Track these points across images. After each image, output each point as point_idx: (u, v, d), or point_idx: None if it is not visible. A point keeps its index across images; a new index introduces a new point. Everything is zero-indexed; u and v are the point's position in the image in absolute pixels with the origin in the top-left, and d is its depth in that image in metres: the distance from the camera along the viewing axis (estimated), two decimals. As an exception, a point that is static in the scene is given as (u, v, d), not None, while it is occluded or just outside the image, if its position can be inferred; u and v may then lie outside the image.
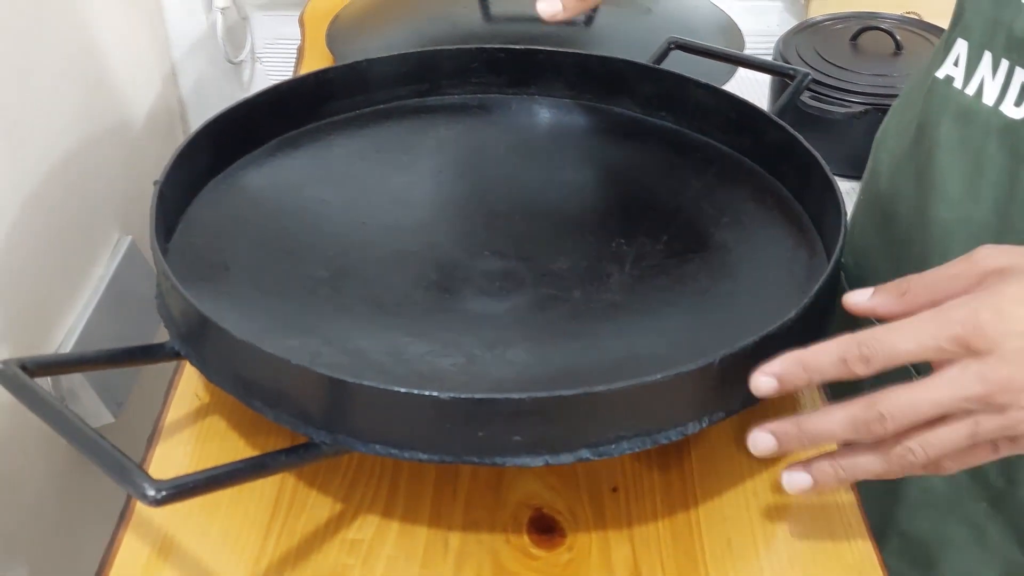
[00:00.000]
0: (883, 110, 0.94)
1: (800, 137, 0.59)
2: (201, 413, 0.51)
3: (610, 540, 0.45)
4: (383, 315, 0.53)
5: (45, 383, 0.73)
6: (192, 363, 0.46)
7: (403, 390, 0.39)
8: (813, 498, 0.47)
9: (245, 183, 0.61)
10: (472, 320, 0.54)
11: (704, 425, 0.43)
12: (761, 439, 0.41)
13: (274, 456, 0.40)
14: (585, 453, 0.41)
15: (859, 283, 0.62)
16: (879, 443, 0.39)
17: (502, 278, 0.57)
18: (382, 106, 0.69)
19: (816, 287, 0.46)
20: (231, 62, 1.25)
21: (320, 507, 0.46)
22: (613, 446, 0.41)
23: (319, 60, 0.89)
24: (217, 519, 0.46)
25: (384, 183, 0.64)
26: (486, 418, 0.40)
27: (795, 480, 0.41)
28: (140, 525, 0.45)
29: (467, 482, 0.48)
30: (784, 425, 0.41)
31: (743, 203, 0.61)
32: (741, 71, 0.84)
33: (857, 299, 0.44)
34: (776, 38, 1.09)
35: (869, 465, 0.40)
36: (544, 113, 0.71)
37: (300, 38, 0.98)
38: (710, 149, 0.66)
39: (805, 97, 0.97)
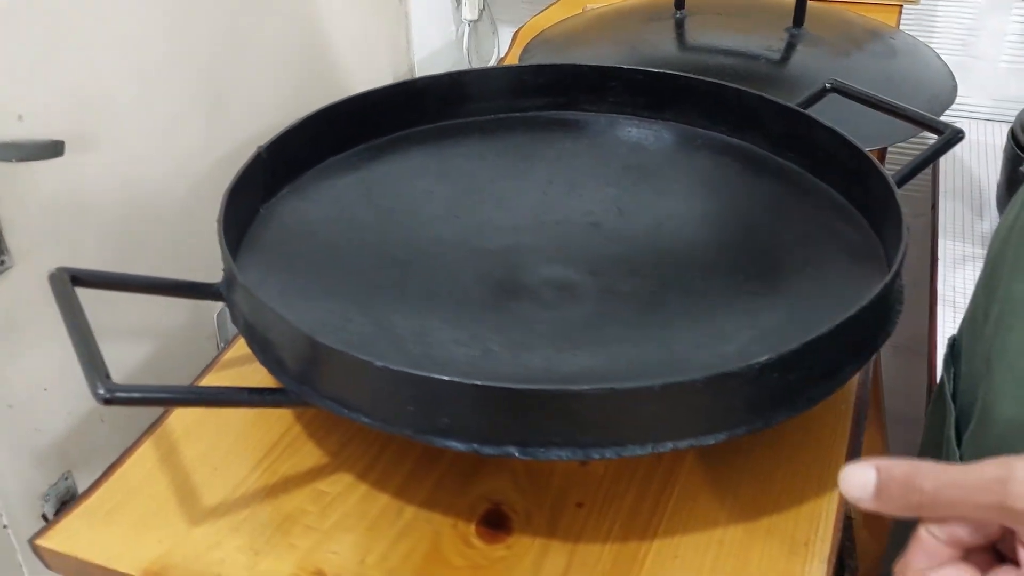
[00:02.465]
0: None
1: (896, 196, 0.54)
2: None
3: (551, 550, 0.45)
4: (432, 300, 0.56)
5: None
6: (227, 304, 0.51)
7: (348, 352, 0.42)
8: (779, 565, 0.44)
9: (361, 165, 0.67)
10: (512, 321, 0.55)
11: (647, 452, 0.42)
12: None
13: (237, 391, 0.44)
14: (512, 450, 0.41)
15: (958, 358, 0.56)
16: None
17: (562, 288, 0.58)
18: (517, 114, 0.72)
19: (787, 349, 0.42)
20: (473, 72, 1.34)
21: (309, 456, 0.50)
22: (542, 449, 0.41)
23: (513, 72, 0.94)
24: (222, 445, 0.51)
25: (492, 185, 0.67)
26: (413, 394, 0.41)
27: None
28: (161, 437, 0.51)
29: (445, 464, 0.50)
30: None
31: (835, 256, 0.58)
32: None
33: None
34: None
35: None
36: (672, 139, 0.70)
37: (506, 50, 1.03)
38: (823, 196, 0.62)
39: (1027, 168, 0.87)
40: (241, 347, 0.58)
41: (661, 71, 0.70)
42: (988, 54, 1.16)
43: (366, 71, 1.11)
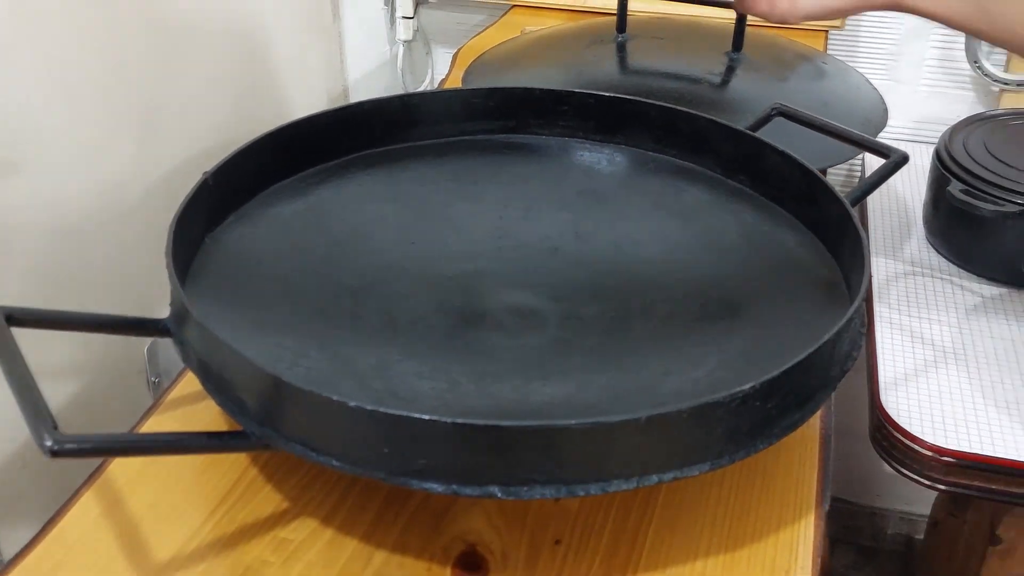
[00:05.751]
0: (1040, 212, 0.85)
1: (854, 217, 0.54)
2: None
3: (531, 592, 0.43)
4: (390, 331, 0.54)
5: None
6: (174, 342, 0.48)
7: (316, 391, 0.40)
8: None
9: (309, 191, 0.64)
10: (475, 351, 0.53)
11: (633, 486, 0.40)
12: None
13: (195, 436, 0.42)
14: (495, 490, 0.40)
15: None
16: None
17: (525, 316, 0.56)
18: (467, 137, 0.71)
19: (769, 377, 0.42)
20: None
21: (268, 501, 0.47)
22: (526, 488, 0.40)
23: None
24: (172, 493, 0.48)
25: (446, 210, 0.65)
26: (388, 434, 0.39)
27: None
28: (103, 487, 0.48)
29: (415, 504, 0.47)
30: None
31: (795, 278, 0.58)
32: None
33: None
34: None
35: None
36: (624, 163, 0.69)
37: (447, 72, 1.02)
38: (779, 219, 0.62)
39: (955, 190, 0.90)
40: (183, 387, 0.55)
41: (613, 95, 0.69)
42: (909, 78, 1.20)
43: (301, 91, 1.08)
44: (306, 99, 1.08)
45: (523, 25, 1.08)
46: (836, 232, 0.57)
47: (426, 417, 0.38)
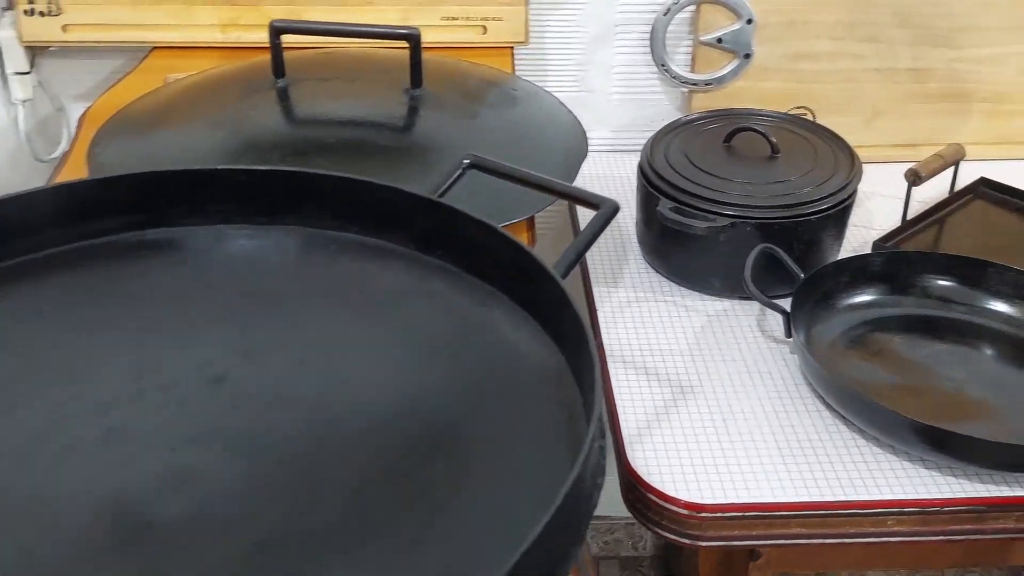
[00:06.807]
0: (752, 223, 0.82)
1: (573, 302, 0.44)
2: None
3: None
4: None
5: None
6: None
7: None
8: None
9: None
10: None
11: None
12: None
13: None
14: None
15: None
16: None
17: (180, 483, 0.42)
18: (84, 243, 0.55)
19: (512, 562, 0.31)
20: (41, 160, 1.10)
21: None
22: None
23: (82, 171, 0.74)
24: None
25: (61, 350, 0.49)
26: None
27: None
28: None
29: None
30: None
31: (518, 374, 0.47)
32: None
33: None
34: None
35: None
36: (297, 248, 0.56)
37: (74, 138, 0.84)
38: (490, 298, 0.52)
39: (665, 208, 0.85)
40: None
41: (271, 168, 0.56)
42: (600, 87, 1.16)
43: None
44: None
45: (167, 71, 0.91)
46: (553, 313, 0.48)
47: None
